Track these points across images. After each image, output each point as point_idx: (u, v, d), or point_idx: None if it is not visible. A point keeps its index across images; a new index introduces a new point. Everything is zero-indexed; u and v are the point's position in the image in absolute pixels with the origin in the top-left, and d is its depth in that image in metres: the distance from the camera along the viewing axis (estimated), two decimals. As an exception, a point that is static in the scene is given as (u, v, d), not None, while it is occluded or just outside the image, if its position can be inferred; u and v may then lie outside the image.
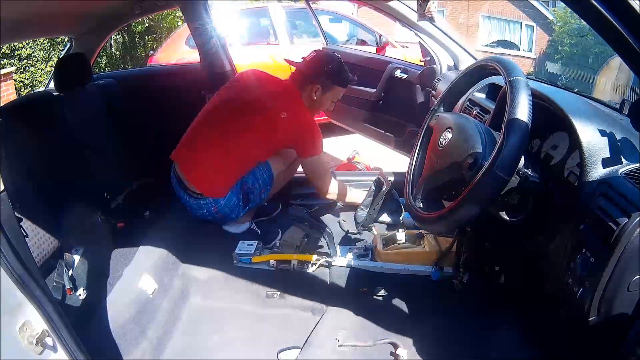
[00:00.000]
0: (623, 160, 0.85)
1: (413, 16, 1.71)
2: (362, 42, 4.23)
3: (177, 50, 3.86)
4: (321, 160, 1.58)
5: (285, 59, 1.81)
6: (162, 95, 2.06)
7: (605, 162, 0.84)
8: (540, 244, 0.98)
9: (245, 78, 1.64)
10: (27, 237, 1.18)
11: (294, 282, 1.43)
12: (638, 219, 0.72)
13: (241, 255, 1.48)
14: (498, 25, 11.00)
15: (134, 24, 6.18)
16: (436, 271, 1.37)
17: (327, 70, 1.55)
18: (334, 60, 1.57)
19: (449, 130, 0.98)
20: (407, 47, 4.66)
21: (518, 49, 10.77)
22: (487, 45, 10.55)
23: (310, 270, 1.44)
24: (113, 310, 1.20)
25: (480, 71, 1.06)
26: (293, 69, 1.65)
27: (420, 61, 2.03)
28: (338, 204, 1.62)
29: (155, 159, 1.88)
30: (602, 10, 0.67)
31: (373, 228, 1.61)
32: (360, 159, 2.65)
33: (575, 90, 1.32)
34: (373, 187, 1.57)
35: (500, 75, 0.90)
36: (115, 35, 6.30)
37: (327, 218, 1.78)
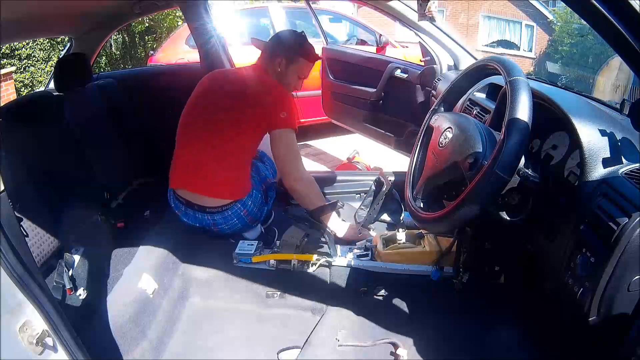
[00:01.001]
0: (623, 160, 0.85)
1: (413, 16, 1.71)
2: (362, 42, 4.24)
3: (177, 50, 3.86)
4: (295, 138, 1.48)
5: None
6: (162, 95, 2.06)
7: (606, 162, 0.84)
8: (540, 244, 0.98)
9: (214, 80, 1.59)
10: (27, 237, 1.18)
11: (294, 282, 1.43)
12: (638, 219, 0.72)
13: (241, 255, 1.48)
14: (498, 25, 11.01)
15: (134, 24, 6.19)
16: (436, 271, 1.37)
17: (289, 43, 1.54)
18: (296, 34, 1.58)
19: (449, 130, 0.98)
20: (407, 47, 4.66)
21: (518, 49, 10.78)
22: (487, 45, 10.56)
23: (310, 270, 1.43)
24: (113, 310, 1.20)
25: (480, 71, 1.06)
26: None
27: (421, 61, 2.03)
28: (338, 203, 1.62)
29: (155, 158, 1.88)
30: (602, 10, 0.67)
31: (372, 230, 1.61)
32: (360, 158, 2.66)
33: (575, 90, 1.32)
34: (373, 187, 1.57)
35: (501, 75, 0.90)
36: (115, 35, 6.30)
37: (327, 218, 1.78)
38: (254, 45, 1.67)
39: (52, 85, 1.81)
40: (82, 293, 1.27)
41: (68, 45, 2.11)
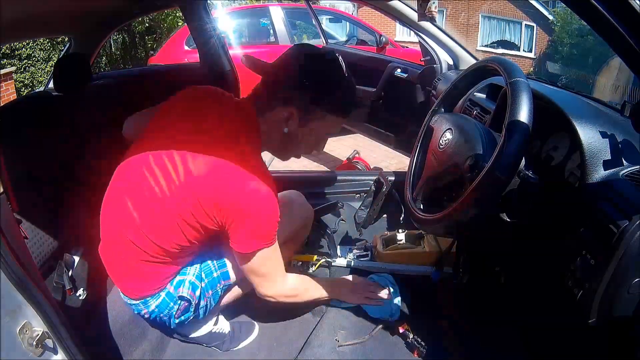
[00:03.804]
0: (624, 162, 0.84)
1: (413, 16, 1.71)
2: (362, 42, 4.25)
3: (176, 51, 3.86)
4: (269, 255, 0.93)
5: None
6: (162, 95, 2.05)
7: (606, 164, 0.84)
8: (540, 246, 0.98)
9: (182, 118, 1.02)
10: (27, 238, 1.18)
11: (294, 283, 1.42)
12: (638, 221, 0.72)
13: (241, 256, 1.48)
14: (498, 25, 11.03)
15: (134, 24, 6.20)
16: (436, 271, 1.37)
17: (311, 81, 0.87)
18: (327, 62, 0.89)
19: (449, 131, 0.98)
20: (407, 47, 4.67)
21: (518, 49, 10.79)
22: (487, 45, 10.57)
23: (310, 270, 1.43)
24: (113, 310, 1.20)
25: (480, 72, 1.06)
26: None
27: (421, 60, 2.03)
28: (338, 204, 1.61)
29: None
30: (602, 10, 0.67)
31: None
32: (361, 159, 2.66)
33: (575, 90, 1.32)
34: (373, 187, 1.56)
35: (501, 75, 0.89)
36: (115, 35, 6.31)
37: (327, 218, 1.78)
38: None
39: (52, 85, 1.81)
40: (82, 293, 1.27)
41: (68, 45, 2.11)
